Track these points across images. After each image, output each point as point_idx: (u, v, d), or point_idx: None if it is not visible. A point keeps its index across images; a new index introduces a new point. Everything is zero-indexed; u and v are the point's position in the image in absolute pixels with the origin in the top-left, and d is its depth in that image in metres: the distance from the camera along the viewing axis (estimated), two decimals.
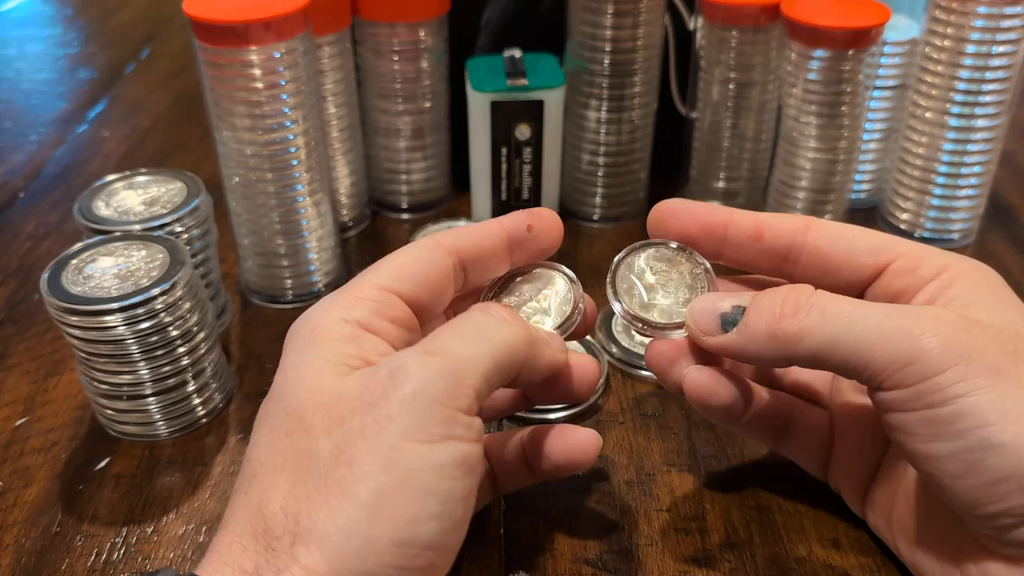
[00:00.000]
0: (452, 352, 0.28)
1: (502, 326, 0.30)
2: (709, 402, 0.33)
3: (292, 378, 0.29)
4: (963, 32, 0.50)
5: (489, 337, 0.29)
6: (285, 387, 0.29)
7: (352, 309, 0.30)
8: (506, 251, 0.34)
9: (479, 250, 0.34)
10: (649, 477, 0.40)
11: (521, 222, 0.34)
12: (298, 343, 0.30)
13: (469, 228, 0.34)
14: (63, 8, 1.02)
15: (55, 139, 0.71)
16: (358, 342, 0.30)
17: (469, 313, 0.31)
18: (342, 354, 0.29)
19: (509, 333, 0.30)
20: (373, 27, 0.55)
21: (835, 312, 0.29)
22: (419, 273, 0.32)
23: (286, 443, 0.27)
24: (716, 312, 0.31)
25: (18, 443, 0.43)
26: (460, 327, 0.30)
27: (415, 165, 0.59)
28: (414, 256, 0.32)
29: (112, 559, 0.37)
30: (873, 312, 0.29)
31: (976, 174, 0.54)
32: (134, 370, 0.40)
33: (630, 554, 0.36)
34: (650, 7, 0.53)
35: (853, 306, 0.29)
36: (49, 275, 0.39)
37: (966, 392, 0.27)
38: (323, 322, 0.30)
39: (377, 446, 0.26)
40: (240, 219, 0.50)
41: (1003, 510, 0.27)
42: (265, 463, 0.27)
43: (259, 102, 0.45)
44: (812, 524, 0.38)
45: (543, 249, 0.35)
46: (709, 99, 0.57)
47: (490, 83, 0.53)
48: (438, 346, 0.28)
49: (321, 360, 0.29)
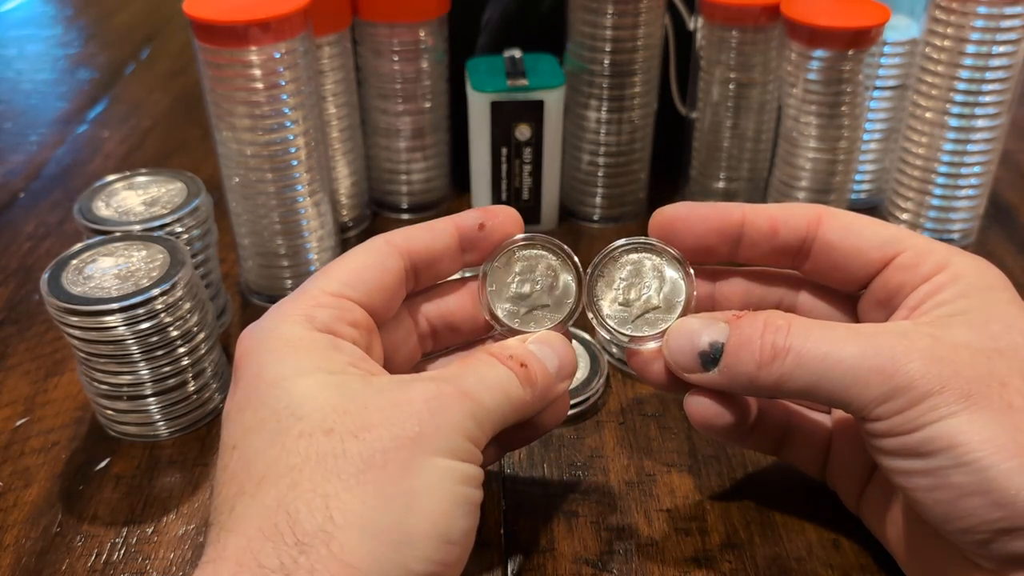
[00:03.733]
0: (481, 401, 0.29)
1: (521, 389, 0.31)
2: (714, 424, 0.33)
3: (298, 386, 0.28)
4: (963, 32, 0.50)
5: (510, 398, 0.30)
6: (291, 394, 0.28)
7: (313, 317, 0.30)
8: (458, 251, 0.34)
9: (431, 252, 0.33)
10: (649, 477, 0.40)
11: (474, 221, 0.34)
12: (273, 355, 0.29)
13: (421, 228, 0.33)
14: (63, 8, 1.02)
15: (55, 139, 0.71)
16: (340, 349, 0.30)
17: (492, 363, 0.31)
18: (338, 363, 0.29)
19: (524, 398, 0.31)
20: (373, 27, 0.55)
21: (811, 356, 0.29)
22: (371, 279, 0.32)
23: (301, 444, 0.27)
24: (695, 350, 0.31)
25: (18, 443, 0.43)
26: (487, 376, 0.30)
27: (415, 165, 0.59)
28: (365, 261, 0.32)
29: (112, 559, 0.37)
30: (848, 352, 0.29)
31: (976, 174, 0.54)
32: (134, 370, 0.40)
33: (630, 554, 0.36)
34: (650, 7, 0.53)
35: (829, 345, 0.29)
36: (49, 275, 0.39)
37: (938, 418, 0.28)
38: (292, 333, 0.30)
39: (412, 454, 0.27)
40: (240, 219, 0.50)
41: (972, 526, 0.28)
42: (276, 465, 0.27)
43: (259, 102, 0.45)
44: (812, 524, 0.38)
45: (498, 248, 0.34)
46: (709, 99, 0.57)
47: (490, 83, 0.53)
48: (469, 388, 0.29)
49: (322, 372, 0.29)
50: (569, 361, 0.33)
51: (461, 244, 0.34)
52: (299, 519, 0.25)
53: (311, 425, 0.27)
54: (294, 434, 0.27)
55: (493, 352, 0.31)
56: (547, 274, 0.34)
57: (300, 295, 0.31)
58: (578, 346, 0.47)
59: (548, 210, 0.58)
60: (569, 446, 0.42)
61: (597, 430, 0.43)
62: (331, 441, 0.27)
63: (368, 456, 0.26)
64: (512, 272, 0.34)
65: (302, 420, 0.27)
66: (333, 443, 0.27)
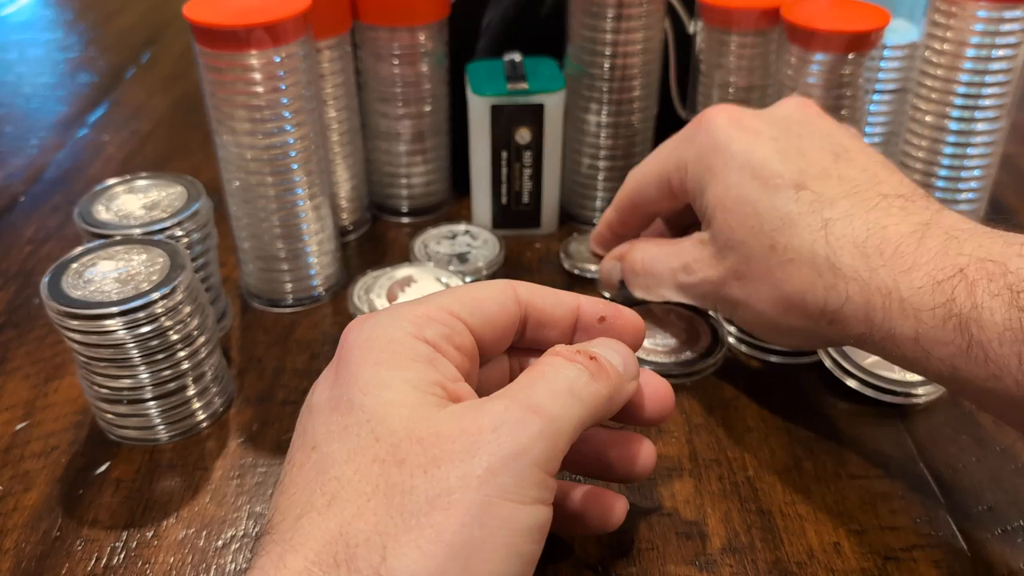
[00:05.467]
0: (550, 413, 0.28)
1: (592, 385, 0.30)
2: (613, 280, 0.47)
3: (381, 400, 0.28)
4: (963, 36, 0.50)
5: (582, 398, 0.29)
6: (373, 407, 0.28)
7: (423, 327, 0.30)
8: (571, 328, 0.34)
9: (547, 315, 0.34)
10: (650, 481, 0.40)
11: (596, 311, 0.34)
12: (375, 356, 0.29)
13: (548, 290, 0.34)
14: (64, 12, 1.02)
15: (55, 143, 0.71)
16: (435, 365, 0.29)
17: (561, 365, 0.30)
18: (426, 380, 0.28)
19: (598, 392, 0.30)
20: (373, 31, 0.55)
21: (634, 259, 0.46)
22: (490, 311, 0.32)
23: (375, 470, 0.26)
24: (614, 282, 0.47)
25: (18, 447, 0.42)
26: (556, 382, 0.29)
27: (415, 169, 0.59)
28: (488, 294, 0.32)
29: (112, 563, 0.36)
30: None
31: (976, 178, 0.54)
32: (134, 374, 0.40)
33: (631, 559, 0.36)
34: (650, 11, 0.53)
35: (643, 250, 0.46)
36: (49, 279, 0.39)
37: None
38: (396, 336, 0.29)
39: (476, 499, 0.26)
40: (240, 223, 0.50)
41: None
42: (347, 487, 0.26)
43: (259, 106, 0.45)
44: (813, 528, 0.38)
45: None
46: (709, 103, 0.56)
47: (490, 87, 0.53)
48: (537, 403, 0.28)
49: (408, 385, 0.28)
50: (632, 360, 0.33)
51: (576, 323, 0.34)
52: (357, 555, 0.25)
53: (387, 452, 0.27)
54: (370, 457, 0.27)
55: (559, 352, 0.30)
56: None
57: (418, 304, 0.31)
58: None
59: (548, 213, 0.58)
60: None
61: None
62: (402, 475, 0.26)
63: (434, 497, 0.26)
64: None
65: (379, 442, 0.27)
66: (404, 477, 0.26)
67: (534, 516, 0.27)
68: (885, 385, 0.44)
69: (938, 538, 0.37)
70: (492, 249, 0.55)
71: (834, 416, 0.44)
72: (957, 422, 0.43)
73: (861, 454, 0.41)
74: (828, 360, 0.46)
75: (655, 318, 0.49)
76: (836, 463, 0.41)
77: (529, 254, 0.56)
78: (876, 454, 0.41)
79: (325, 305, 0.52)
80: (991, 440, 0.42)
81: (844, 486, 0.40)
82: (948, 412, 0.44)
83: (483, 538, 0.25)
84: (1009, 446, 0.42)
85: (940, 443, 0.42)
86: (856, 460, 0.41)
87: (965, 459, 0.41)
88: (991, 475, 0.40)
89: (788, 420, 0.43)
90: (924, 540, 0.37)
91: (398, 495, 0.26)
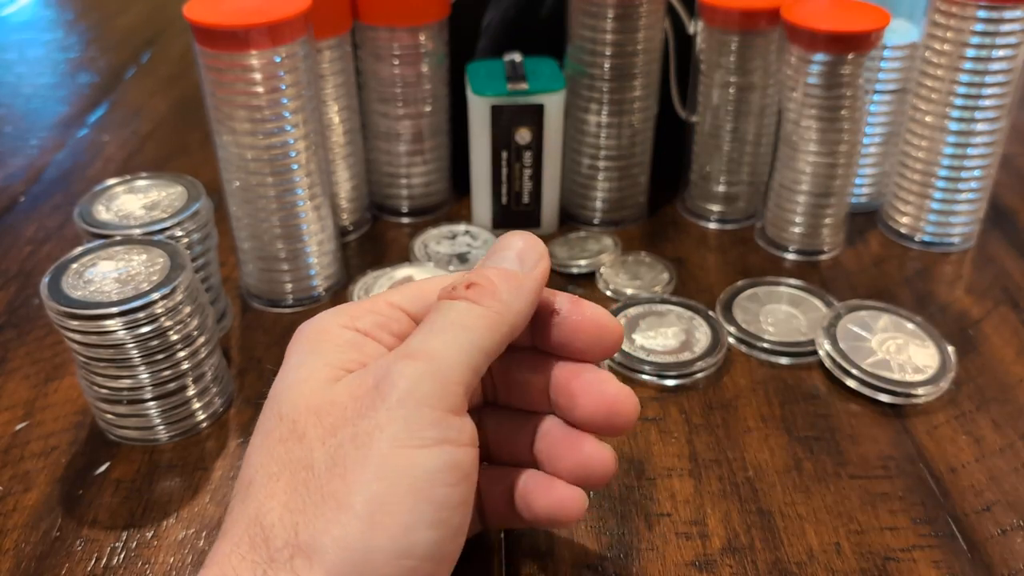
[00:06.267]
0: (432, 352, 0.27)
1: (475, 309, 0.28)
2: None
3: (288, 381, 0.29)
4: (963, 36, 0.50)
5: (467, 325, 0.28)
6: (280, 390, 0.29)
7: (357, 319, 0.30)
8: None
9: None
10: (650, 482, 0.40)
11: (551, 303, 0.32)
12: (301, 346, 0.30)
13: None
14: (64, 12, 1.02)
15: (56, 143, 0.71)
16: (361, 348, 0.29)
17: (442, 307, 0.29)
18: (342, 359, 0.29)
19: (484, 313, 0.28)
20: (373, 31, 0.55)
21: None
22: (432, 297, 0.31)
23: (280, 450, 0.27)
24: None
25: (18, 447, 0.42)
26: (435, 322, 0.28)
27: (415, 169, 0.59)
28: (435, 284, 0.32)
29: (112, 564, 0.36)
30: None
31: (976, 178, 0.54)
32: (134, 374, 0.40)
33: (631, 559, 0.36)
34: (650, 11, 0.53)
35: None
36: (49, 279, 0.39)
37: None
38: (326, 326, 0.30)
39: (368, 456, 0.26)
40: (240, 223, 0.50)
41: None
42: (260, 470, 0.27)
43: (259, 106, 0.45)
44: (813, 529, 0.38)
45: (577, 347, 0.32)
46: (709, 103, 0.57)
47: (490, 87, 0.53)
48: (416, 347, 0.28)
49: (320, 363, 0.29)
50: (530, 246, 0.31)
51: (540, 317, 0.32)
52: (272, 534, 0.26)
53: (288, 429, 0.27)
54: (275, 437, 0.28)
55: (440, 295, 0.30)
56: None
57: (365, 300, 0.32)
58: None
59: (548, 214, 0.58)
60: None
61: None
62: (303, 449, 0.27)
63: (331, 467, 0.26)
64: None
65: (283, 422, 0.28)
66: (304, 451, 0.27)
67: (437, 458, 0.26)
68: (885, 385, 0.44)
69: (938, 538, 0.37)
70: None
71: (834, 416, 0.44)
72: (957, 422, 0.43)
73: (861, 454, 0.41)
74: (828, 360, 0.46)
75: (655, 318, 0.49)
76: (836, 463, 0.41)
77: None
78: (876, 454, 0.41)
79: (325, 305, 0.52)
80: (991, 440, 0.42)
81: (844, 486, 0.40)
82: (948, 412, 0.44)
83: (384, 492, 0.25)
84: (1009, 446, 0.42)
85: (940, 443, 0.42)
86: (856, 460, 0.41)
87: (965, 459, 0.41)
88: (991, 475, 0.40)
89: (788, 420, 0.43)
90: (924, 540, 0.37)
91: (301, 470, 0.26)
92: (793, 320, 0.49)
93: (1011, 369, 0.47)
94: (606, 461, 0.32)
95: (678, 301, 0.50)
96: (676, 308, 0.50)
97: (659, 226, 0.60)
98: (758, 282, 0.52)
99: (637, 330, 0.48)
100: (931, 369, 0.45)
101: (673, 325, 0.49)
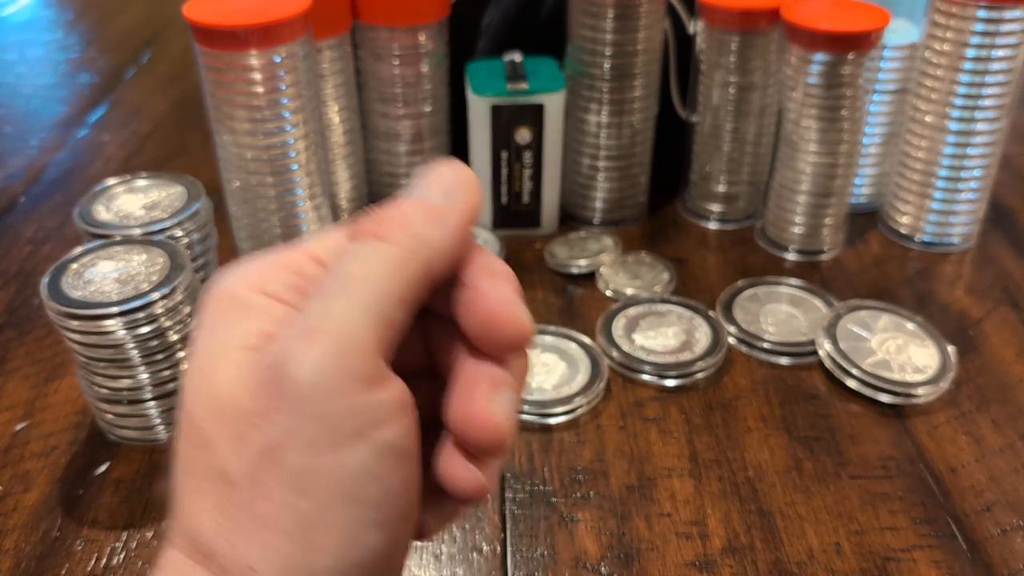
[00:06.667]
0: (332, 322, 0.22)
1: (380, 251, 0.24)
2: None
3: (192, 371, 0.24)
4: (963, 36, 0.50)
5: (369, 274, 0.23)
6: (186, 383, 0.24)
7: (268, 282, 0.25)
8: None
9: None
10: (650, 482, 0.40)
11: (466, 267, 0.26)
12: (205, 320, 0.25)
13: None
14: (64, 13, 1.02)
15: (55, 143, 0.71)
16: (270, 314, 0.24)
17: (344, 251, 0.24)
18: (247, 333, 0.24)
19: (393, 255, 0.23)
20: (373, 31, 0.55)
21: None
22: None
23: (196, 459, 0.24)
24: None
25: (18, 447, 0.42)
26: (336, 278, 0.23)
27: (415, 169, 0.59)
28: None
29: (112, 564, 0.36)
30: None
31: (976, 178, 0.54)
32: (134, 374, 0.40)
33: (631, 559, 0.36)
34: (650, 11, 0.53)
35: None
36: (49, 279, 0.39)
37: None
38: (234, 290, 0.25)
39: (286, 472, 0.22)
40: (240, 223, 0.50)
41: None
42: (186, 481, 0.24)
43: (259, 106, 0.45)
44: (813, 529, 0.38)
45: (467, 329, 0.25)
46: (709, 103, 0.57)
47: (490, 87, 0.53)
48: (315, 320, 0.23)
49: (222, 346, 0.24)
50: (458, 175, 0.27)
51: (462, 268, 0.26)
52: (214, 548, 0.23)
53: (196, 435, 0.24)
54: (190, 443, 0.24)
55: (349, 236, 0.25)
56: None
57: (284, 251, 0.26)
58: (579, 350, 0.47)
59: (548, 213, 0.58)
60: (569, 451, 0.42)
61: (597, 434, 0.43)
62: (216, 459, 0.23)
63: (252, 484, 0.23)
64: None
65: (191, 426, 0.24)
66: (219, 462, 0.23)
67: (362, 454, 0.22)
68: (885, 385, 0.44)
69: (938, 538, 0.37)
70: (492, 249, 0.55)
71: (834, 416, 0.44)
72: (957, 422, 0.43)
73: (861, 454, 0.41)
74: (828, 360, 0.46)
75: (655, 318, 0.49)
76: (836, 463, 0.41)
77: (529, 254, 0.56)
78: (876, 454, 0.41)
79: None
80: (991, 440, 0.42)
81: (844, 486, 0.40)
82: (948, 412, 0.44)
83: (312, 509, 0.22)
84: (1009, 446, 0.42)
85: (940, 443, 0.42)
86: (856, 460, 0.41)
87: (965, 459, 0.41)
88: (991, 475, 0.40)
89: (788, 420, 0.43)
90: (924, 540, 0.37)
91: (222, 484, 0.23)
92: (793, 320, 0.49)
93: (1011, 369, 0.47)
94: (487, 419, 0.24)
95: (678, 301, 0.50)
96: (676, 308, 0.50)
97: (659, 226, 0.60)
98: (758, 282, 0.52)
99: (637, 330, 0.48)
100: (931, 369, 0.45)
101: (673, 325, 0.49)
